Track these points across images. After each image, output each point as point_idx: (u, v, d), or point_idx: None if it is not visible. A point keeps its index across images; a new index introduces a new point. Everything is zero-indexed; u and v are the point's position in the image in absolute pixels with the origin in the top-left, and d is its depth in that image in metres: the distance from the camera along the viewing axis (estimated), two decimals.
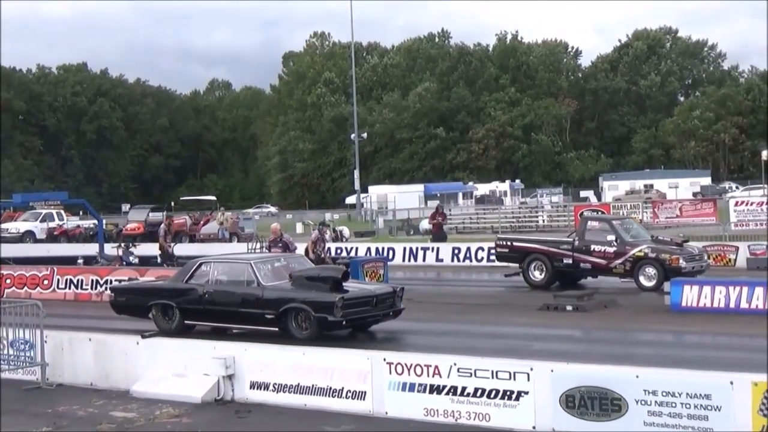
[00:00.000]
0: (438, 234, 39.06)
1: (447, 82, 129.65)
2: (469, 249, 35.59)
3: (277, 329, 18.00)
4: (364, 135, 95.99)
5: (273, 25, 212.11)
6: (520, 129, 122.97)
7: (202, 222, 52.66)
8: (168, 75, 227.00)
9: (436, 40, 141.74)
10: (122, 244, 33.44)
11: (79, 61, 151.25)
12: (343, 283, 18.21)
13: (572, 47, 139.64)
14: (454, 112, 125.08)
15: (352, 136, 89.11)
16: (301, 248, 25.30)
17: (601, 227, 26.13)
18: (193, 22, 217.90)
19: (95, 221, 43.74)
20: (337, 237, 46.58)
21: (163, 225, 32.16)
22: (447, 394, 11.98)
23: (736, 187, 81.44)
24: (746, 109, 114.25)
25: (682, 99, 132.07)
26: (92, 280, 26.77)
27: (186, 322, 19.23)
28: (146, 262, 29.94)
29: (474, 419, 11.77)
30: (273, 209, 72.83)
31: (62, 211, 59.22)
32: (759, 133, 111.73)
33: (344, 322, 17.74)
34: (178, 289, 19.40)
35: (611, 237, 25.45)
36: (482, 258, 34.55)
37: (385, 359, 12.55)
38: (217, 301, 18.68)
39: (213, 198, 73.75)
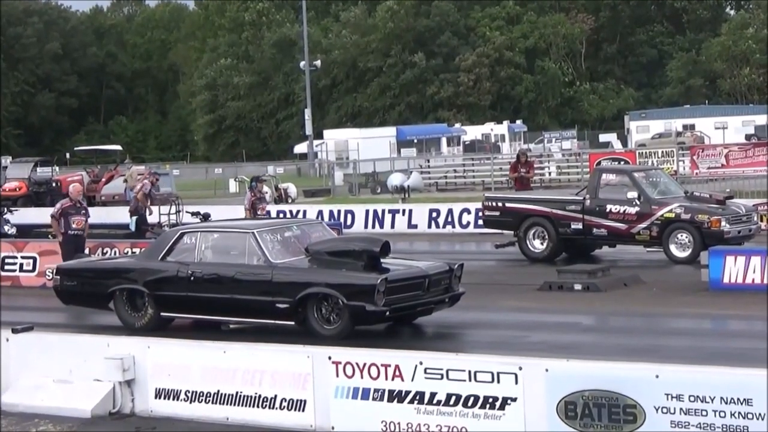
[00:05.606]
0: (523, 192, 37.01)
1: None
2: (451, 211, 35.64)
3: (293, 323, 17.58)
4: (318, 63, 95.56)
5: None
6: (521, 54, 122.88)
7: (104, 179, 52.54)
8: None
9: None
10: None
11: None
12: (382, 260, 17.69)
13: None
14: (436, 33, 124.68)
15: (302, 64, 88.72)
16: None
17: (620, 181, 26.19)
18: None
19: None
20: (281, 197, 46.58)
21: (146, 181, 30.89)
22: (411, 402, 11.97)
23: None
24: None
25: (732, 13, 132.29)
26: None
27: (162, 314, 18.69)
28: (26, 232, 29.68)
29: None
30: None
31: None
32: None
33: (388, 313, 17.20)
34: (151, 270, 18.78)
35: (633, 194, 25.46)
36: (468, 223, 34.64)
37: (330, 357, 12.54)
38: (207, 287, 18.06)
39: (118, 148, 73.50)
